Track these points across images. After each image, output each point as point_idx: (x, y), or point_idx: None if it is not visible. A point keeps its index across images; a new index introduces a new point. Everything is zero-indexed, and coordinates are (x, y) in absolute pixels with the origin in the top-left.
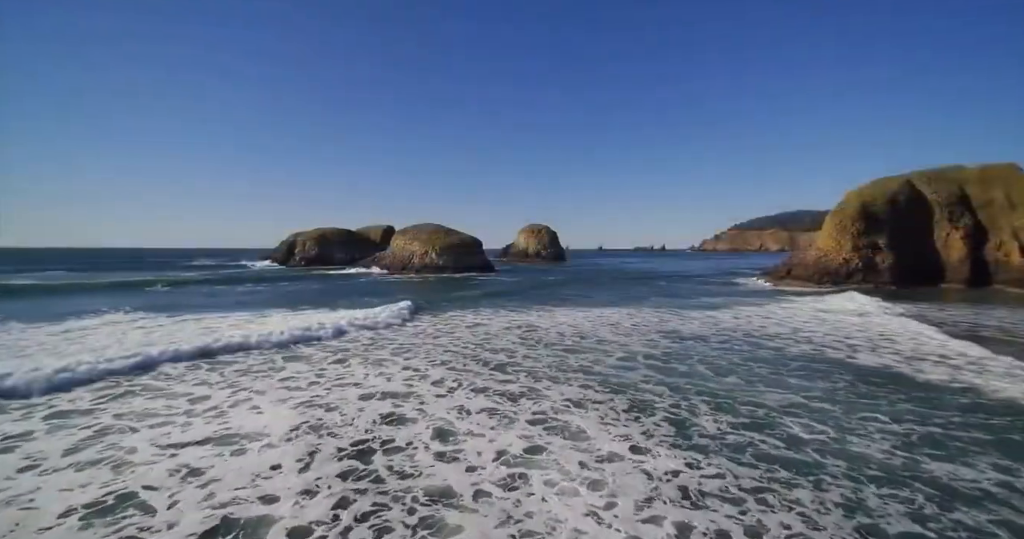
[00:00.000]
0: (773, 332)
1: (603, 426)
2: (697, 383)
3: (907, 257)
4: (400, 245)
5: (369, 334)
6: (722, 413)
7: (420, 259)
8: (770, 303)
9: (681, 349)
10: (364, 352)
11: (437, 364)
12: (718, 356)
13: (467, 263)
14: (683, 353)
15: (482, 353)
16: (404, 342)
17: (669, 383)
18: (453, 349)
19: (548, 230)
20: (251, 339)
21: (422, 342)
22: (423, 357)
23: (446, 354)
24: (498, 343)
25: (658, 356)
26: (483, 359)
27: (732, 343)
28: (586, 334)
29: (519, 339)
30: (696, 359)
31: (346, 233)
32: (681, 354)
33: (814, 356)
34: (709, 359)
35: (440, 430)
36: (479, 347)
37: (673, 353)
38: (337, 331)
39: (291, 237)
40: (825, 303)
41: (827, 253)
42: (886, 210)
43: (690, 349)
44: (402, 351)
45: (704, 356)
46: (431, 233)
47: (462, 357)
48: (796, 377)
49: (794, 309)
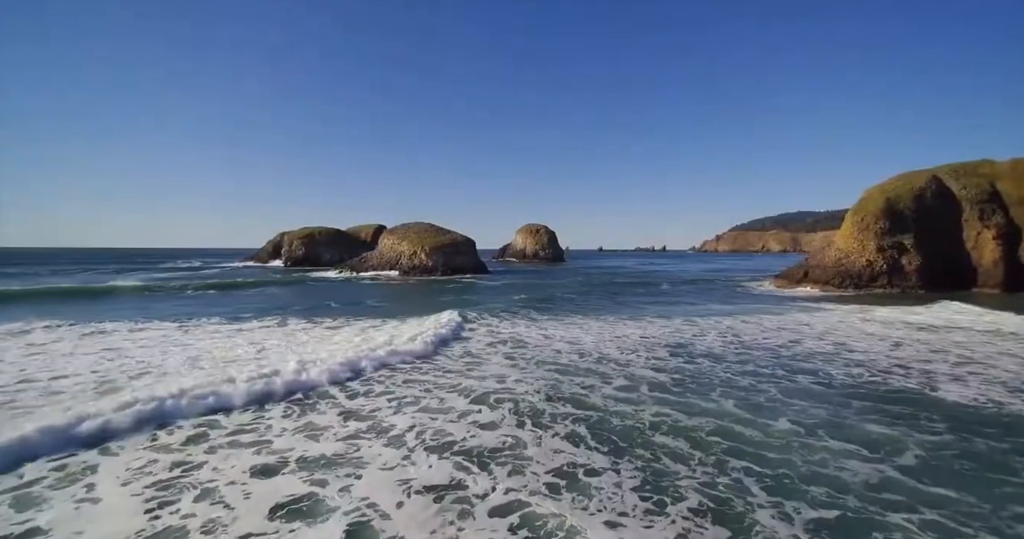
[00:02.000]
0: (808, 350)
1: (610, 532)
2: (732, 434)
3: (935, 258)
4: (388, 245)
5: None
6: (785, 498)
7: (409, 260)
8: (794, 311)
9: (697, 373)
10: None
11: (398, 399)
12: (748, 386)
13: (458, 264)
14: (702, 380)
15: (462, 381)
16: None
17: (691, 434)
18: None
19: (546, 230)
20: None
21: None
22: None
23: (410, 387)
24: (486, 369)
25: (669, 386)
26: (462, 387)
27: (760, 365)
28: (585, 350)
29: (505, 359)
30: (719, 390)
31: (335, 232)
32: (699, 381)
33: (877, 387)
34: (737, 390)
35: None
36: (459, 374)
37: (688, 380)
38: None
39: (278, 237)
40: (867, 312)
41: (848, 254)
42: (912, 207)
43: (709, 374)
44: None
45: (729, 384)
46: (420, 232)
47: (437, 388)
48: (872, 423)
49: (825, 318)
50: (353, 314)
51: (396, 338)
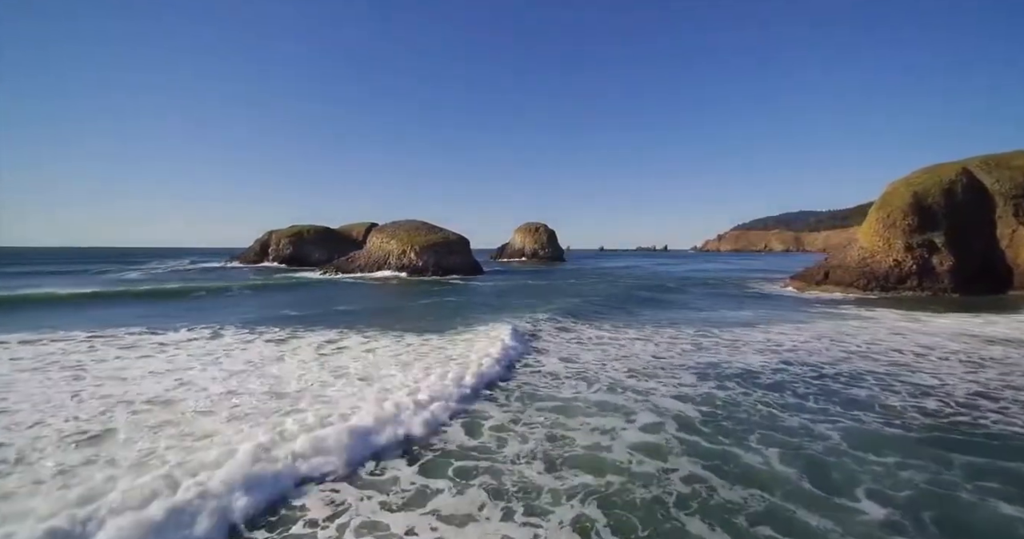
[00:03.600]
0: (858, 370)
1: None
2: (791, 525)
3: (968, 258)
4: (377, 244)
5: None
6: None
7: (398, 259)
8: (823, 318)
9: (731, 404)
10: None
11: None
12: (798, 427)
13: (451, 264)
14: (738, 415)
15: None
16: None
17: (732, 521)
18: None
19: (546, 228)
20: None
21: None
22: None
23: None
24: (472, 404)
25: (699, 426)
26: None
27: (804, 392)
28: (588, 373)
29: (487, 392)
30: (760, 432)
31: (325, 231)
32: (735, 417)
33: (971, 429)
34: (784, 433)
35: None
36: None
37: (721, 415)
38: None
39: (266, 235)
40: (912, 319)
41: (873, 253)
42: (942, 202)
43: (745, 405)
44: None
45: (773, 423)
46: (410, 231)
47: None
48: (1002, 501)
49: (863, 327)
50: (306, 325)
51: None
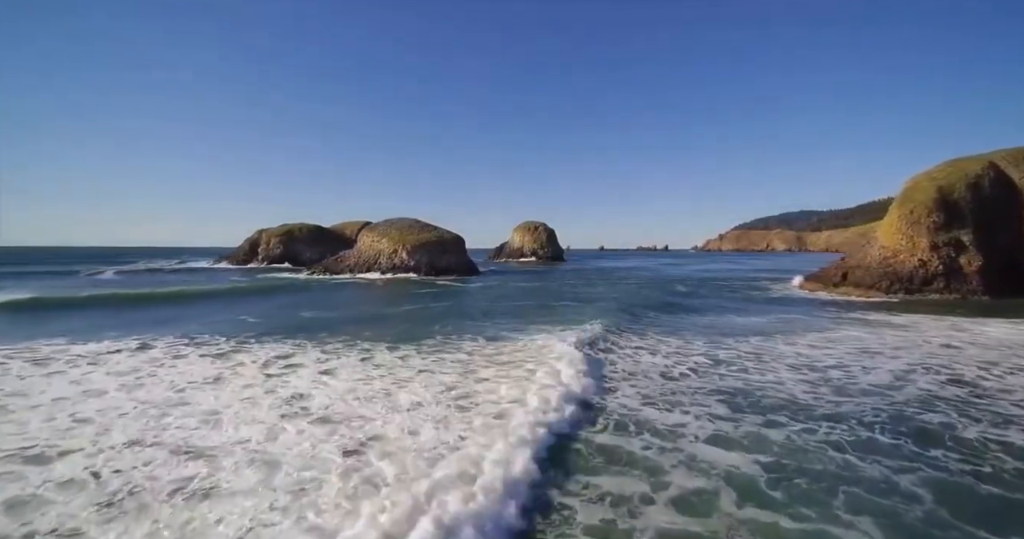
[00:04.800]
0: (922, 393)
1: None
2: None
3: (996, 258)
4: (367, 243)
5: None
6: None
7: (388, 259)
8: (853, 325)
9: (794, 451)
10: None
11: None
12: (883, 482)
13: (444, 264)
14: (807, 466)
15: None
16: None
17: None
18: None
19: (545, 227)
20: None
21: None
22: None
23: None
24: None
25: (763, 486)
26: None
27: (871, 425)
28: (592, 405)
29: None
30: (845, 495)
31: (316, 229)
32: (804, 469)
33: None
34: (874, 495)
35: None
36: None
37: (792, 471)
38: None
39: (256, 234)
40: (965, 329)
41: (896, 253)
42: (968, 198)
43: (811, 451)
44: None
45: (854, 477)
46: (402, 229)
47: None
48: None
49: (907, 337)
50: (260, 334)
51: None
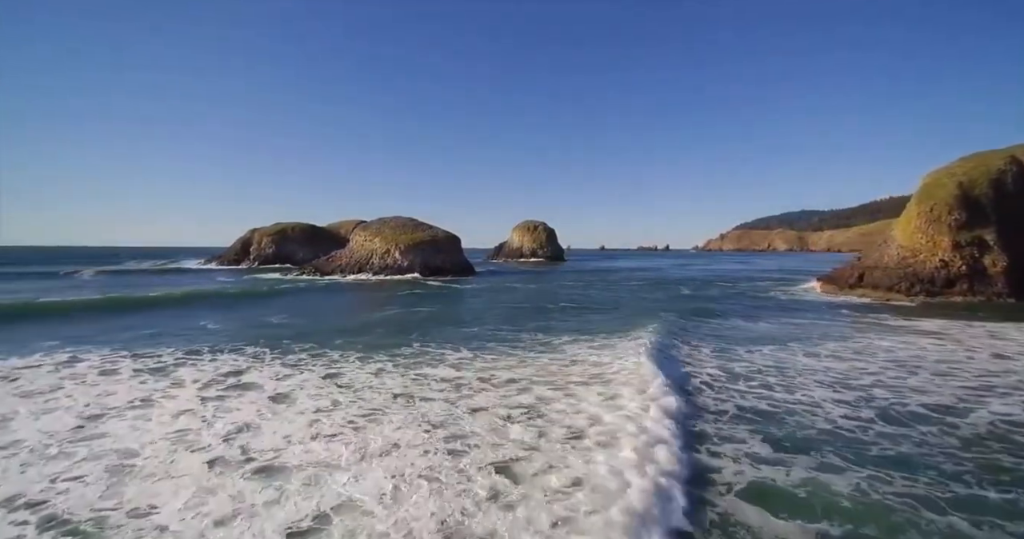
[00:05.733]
0: (997, 418)
1: None
2: None
3: (1020, 257)
4: (359, 242)
5: None
6: None
7: (381, 259)
8: (880, 334)
9: (865, 506)
10: None
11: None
12: None
13: (438, 264)
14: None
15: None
16: None
17: None
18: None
19: (545, 227)
20: None
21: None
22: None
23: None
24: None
25: None
26: None
27: (961, 476)
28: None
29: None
30: None
31: (310, 229)
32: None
33: None
34: None
35: None
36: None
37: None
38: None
39: (248, 233)
40: (1010, 339)
41: (915, 253)
42: (991, 195)
43: (900, 511)
44: None
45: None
46: (396, 228)
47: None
48: None
49: (945, 346)
50: (214, 344)
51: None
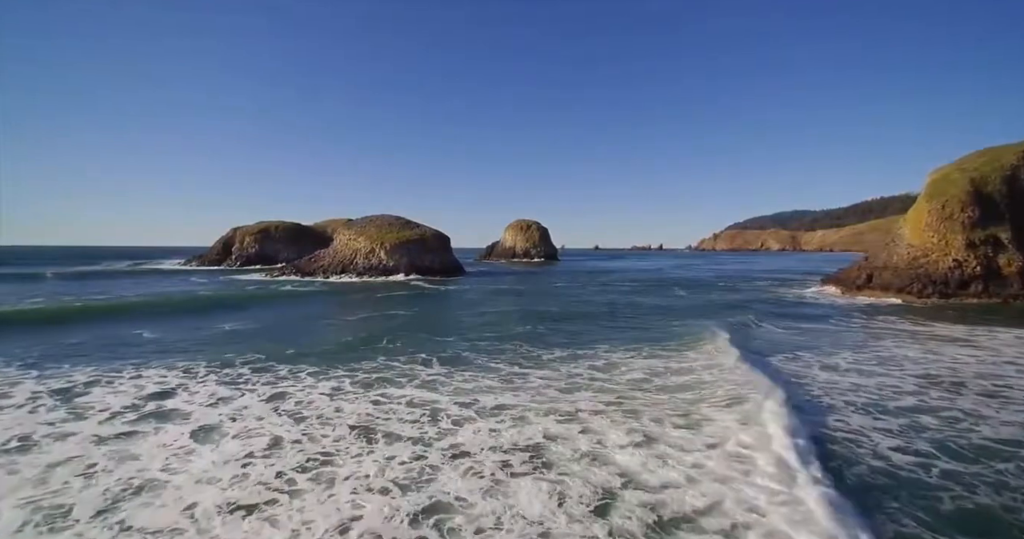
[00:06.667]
0: None
1: None
2: None
3: None
4: (343, 242)
5: None
6: None
7: (365, 259)
8: (900, 341)
9: None
10: None
11: None
12: None
13: (426, 264)
14: None
15: None
16: None
17: None
18: None
19: (538, 226)
20: None
21: None
22: None
23: None
24: None
25: None
26: None
27: None
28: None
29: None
30: None
31: (295, 228)
32: None
33: None
34: None
35: None
36: None
37: None
38: None
39: (230, 232)
40: None
41: (927, 252)
42: (1004, 191)
43: None
44: None
45: None
46: (382, 227)
47: None
48: None
49: (981, 357)
50: (146, 357)
51: None
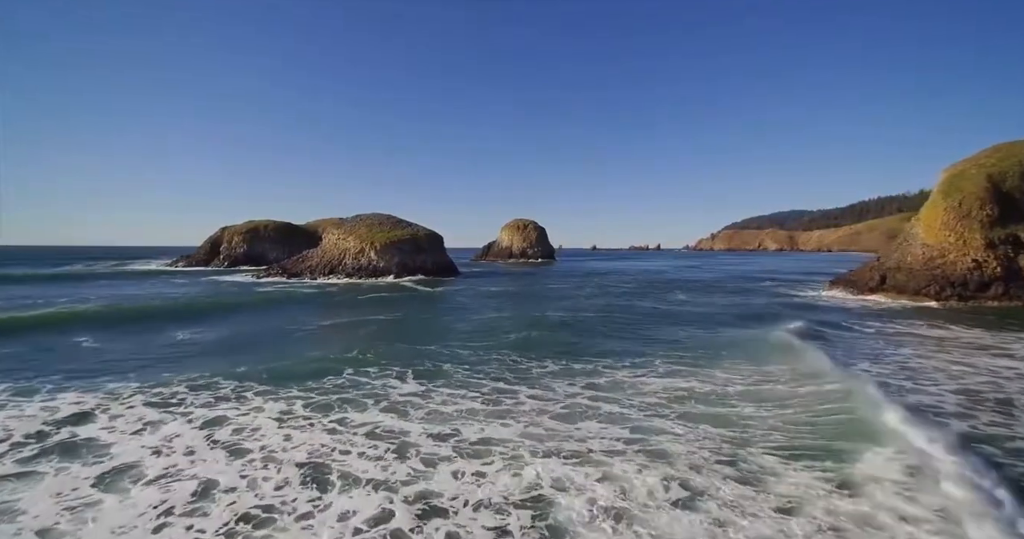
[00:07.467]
0: None
1: None
2: None
3: None
4: (332, 241)
5: None
6: None
7: (355, 259)
8: (925, 349)
9: None
10: None
11: None
12: None
13: (418, 264)
14: None
15: None
16: None
17: None
18: None
19: (535, 225)
20: None
21: None
22: None
23: None
24: None
25: None
26: None
27: None
28: None
29: None
30: None
31: (285, 227)
32: None
33: None
34: None
35: None
36: None
37: None
38: None
39: (218, 232)
40: None
41: (943, 252)
42: (1023, 188)
43: None
44: None
45: None
46: (372, 226)
47: None
48: None
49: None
50: (72, 373)
51: None
